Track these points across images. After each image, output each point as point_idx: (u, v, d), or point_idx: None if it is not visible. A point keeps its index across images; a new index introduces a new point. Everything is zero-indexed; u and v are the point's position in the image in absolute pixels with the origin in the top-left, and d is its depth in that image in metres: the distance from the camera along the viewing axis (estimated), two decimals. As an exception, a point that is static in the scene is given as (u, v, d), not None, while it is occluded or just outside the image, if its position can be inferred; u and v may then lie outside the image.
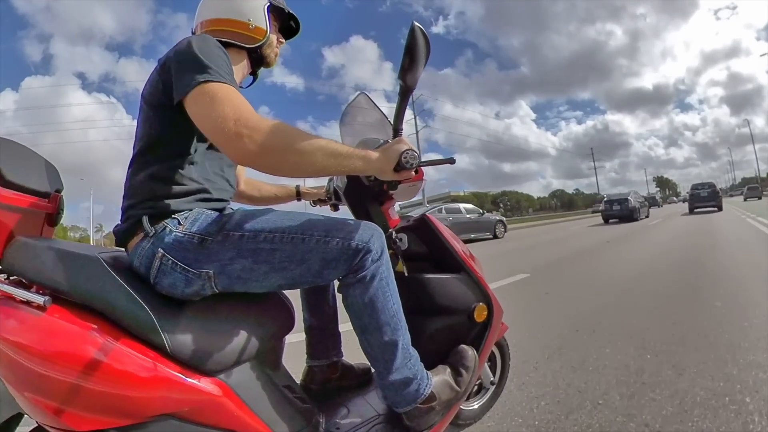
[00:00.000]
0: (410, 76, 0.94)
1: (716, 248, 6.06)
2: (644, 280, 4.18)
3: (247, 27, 1.13)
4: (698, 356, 2.04)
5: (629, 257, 6.20)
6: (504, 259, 7.64)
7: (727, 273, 4.08)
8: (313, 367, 1.31)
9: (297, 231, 0.91)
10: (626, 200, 17.10)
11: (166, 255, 0.87)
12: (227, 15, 1.12)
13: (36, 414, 0.79)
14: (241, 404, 0.89)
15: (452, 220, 13.25)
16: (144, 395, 0.79)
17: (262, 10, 1.14)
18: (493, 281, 4.21)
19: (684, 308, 2.96)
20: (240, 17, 1.12)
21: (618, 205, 17.18)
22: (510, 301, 2.95)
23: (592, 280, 4.49)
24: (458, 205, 14.80)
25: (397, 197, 1.21)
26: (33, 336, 0.77)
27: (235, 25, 1.12)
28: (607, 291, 3.83)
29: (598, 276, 4.76)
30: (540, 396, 1.75)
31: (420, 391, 1.01)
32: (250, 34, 1.13)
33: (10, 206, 0.92)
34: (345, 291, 0.97)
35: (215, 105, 0.81)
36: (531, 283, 4.66)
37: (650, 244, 7.84)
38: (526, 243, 11.13)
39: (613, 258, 6.32)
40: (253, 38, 1.14)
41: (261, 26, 1.14)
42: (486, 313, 1.24)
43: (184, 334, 0.85)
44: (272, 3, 1.17)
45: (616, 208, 17.15)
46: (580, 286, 4.24)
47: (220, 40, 1.00)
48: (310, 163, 0.84)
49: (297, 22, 1.29)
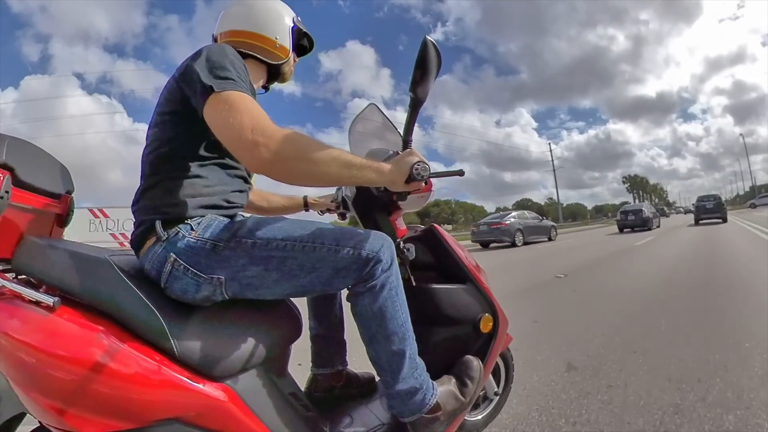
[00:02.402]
0: (421, 89, 0.95)
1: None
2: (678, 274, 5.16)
3: (273, 44, 1.18)
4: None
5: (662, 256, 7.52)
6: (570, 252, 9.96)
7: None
8: (318, 374, 1.31)
9: (308, 240, 0.92)
10: (640, 210, 18.31)
11: (178, 260, 0.88)
12: (255, 29, 1.16)
13: (40, 414, 0.79)
14: (247, 410, 0.89)
15: (523, 223, 14.84)
16: (150, 399, 0.79)
17: (288, 30, 1.20)
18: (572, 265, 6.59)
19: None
20: (268, 34, 1.17)
21: (633, 215, 18.34)
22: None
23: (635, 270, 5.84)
24: (524, 212, 16.96)
25: (405, 207, 1.21)
26: (40, 336, 0.77)
27: (262, 41, 1.16)
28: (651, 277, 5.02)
29: (639, 266, 6.21)
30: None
31: (425, 401, 1.00)
32: (275, 51, 1.19)
33: (23, 206, 0.92)
34: (354, 300, 0.97)
35: (233, 113, 0.82)
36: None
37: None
38: (572, 243, 13.26)
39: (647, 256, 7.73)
40: (277, 56, 1.20)
41: (285, 45, 1.20)
42: (491, 324, 1.23)
43: (193, 339, 0.85)
44: (296, 25, 1.23)
45: (631, 218, 18.23)
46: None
47: (240, 51, 1.03)
48: (325, 173, 0.85)
49: (311, 42, 1.33)
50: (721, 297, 3.53)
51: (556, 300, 4.18)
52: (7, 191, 0.83)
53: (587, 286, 4.84)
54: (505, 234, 14.08)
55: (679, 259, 6.57)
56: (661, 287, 4.33)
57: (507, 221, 14.33)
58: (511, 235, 14.02)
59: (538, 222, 16.14)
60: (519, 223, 14.65)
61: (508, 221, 14.35)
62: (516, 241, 14.03)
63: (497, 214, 17.38)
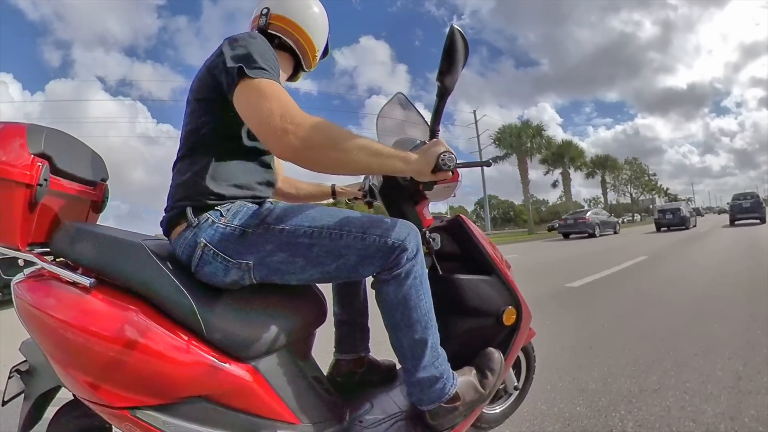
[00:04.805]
0: (449, 79, 0.94)
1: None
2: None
3: (314, 53, 1.27)
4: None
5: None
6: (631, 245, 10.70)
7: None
8: (341, 360, 1.33)
9: (335, 227, 0.93)
10: (678, 209, 18.05)
11: (208, 245, 0.91)
12: (309, 33, 1.22)
13: (74, 388, 0.84)
14: (270, 391, 0.91)
15: (598, 218, 18.20)
16: (179, 376, 0.82)
17: (323, 46, 1.30)
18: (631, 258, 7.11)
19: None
20: (316, 43, 1.25)
21: (671, 214, 18.05)
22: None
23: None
24: (598, 209, 21.19)
25: (431, 197, 1.21)
26: (77, 314, 0.81)
27: (309, 45, 1.24)
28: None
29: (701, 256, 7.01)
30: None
31: (445, 391, 1.01)
32: (311, 59, 1.28)
33: (61, 193, 0.97)
34: (379, 287, 0.98)
35: (262, 100, 0.84)
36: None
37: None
38: (630, 239, 13.93)
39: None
40: (310, 63, 1.28)
41: (318, 58, 1.30)
42: (515, 317, 1.22)
43: (221, 321, 0.88)
44: (327, 42, 1.32)
45: (669, 217, 18.00)
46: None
47: (280, 38, 1.15)
48: (353, 160, 0.86)
49: (327, 50, 1.38)
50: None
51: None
52: (45, 179, 0.88)
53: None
54: (588, 227, 17.35)
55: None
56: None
57: (588, 216, 17.86)
58: (592, 227, 17.32)
59: (607, 217, 19.81)
60: (596, 218, 18.12)
61: (589, 216, 17.88)
62: (596, 232, 17.27)
63: (578, 210, 21.91)
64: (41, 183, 0.86)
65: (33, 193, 0.85)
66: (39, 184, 0.86)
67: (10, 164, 0.83)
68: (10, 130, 0.87)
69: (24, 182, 0.84)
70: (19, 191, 0.84)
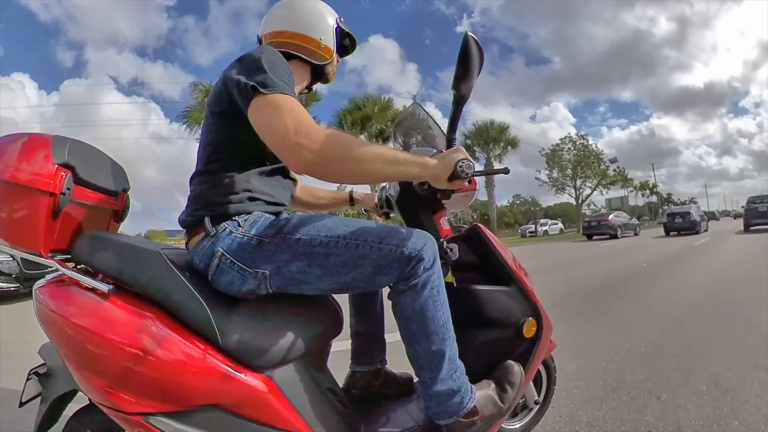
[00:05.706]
0: (464, 86, 0.94)
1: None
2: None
3: (318, 45, 1.20)
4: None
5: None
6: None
7: None
8: (357, 372, 1.32)
9: (351, 237, 0.92)
10: (688, 213, 17.52)
11: (225, 254, 0.91)
12: (300, 30, 1.18)
13: (90, 392, 0.85)
14: (285, 402, 0.90)
15: (620, 221, 19.51)
16: (193, 384, 0.83)
17: (332, 30, 1.22)
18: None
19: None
20: (313, 35, 1.19)
21: (680, 217, 17.55)
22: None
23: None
24: (618, 212, 22.28)
25: (449, 207, 1.20)
26: (95, 320, 0.83)
27: (307, 41, 1.18)
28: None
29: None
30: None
31: (463, 404, 0.98)
32: (320, 52, 1.21)
33: (83, 202, 1.00)
34: (395, 298, 0.97)
35: (277, 115, 0.85)
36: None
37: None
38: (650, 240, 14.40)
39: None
40: (321, 56, 1.21)
41: (329, 46, 1.22)
42: (535, 329, 1.19)
43: (236, 330, 0.88)
44: (339, 25, 1.24)
45: (678, 221, 17.49)
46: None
47: (284, 51, 1.06)
48: (369, 170, 0.86)
49: (353, 41, 1.34)
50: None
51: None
52: (68, 188, 0.90)
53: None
54: (611, 228, 18.51)
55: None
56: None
57: (611, 219, 19.03)
58: (614, 229, 18.53)
59: (628, 220, 21.07)
60: (618, 220, 19.40)
61: (612, 219, 19.04)
62: (618, 234, 18.44)
63: (600, 213, 23.71)
64: (64, 192, 0.89)
65: (56, 201, 0.87)
66: (62, 192, 0.88)
67: (35, 174, 0.86)
68: (36, 141, 0.90)
69: (48, 191, 0.86)
70: (43, 200, 0.86)
